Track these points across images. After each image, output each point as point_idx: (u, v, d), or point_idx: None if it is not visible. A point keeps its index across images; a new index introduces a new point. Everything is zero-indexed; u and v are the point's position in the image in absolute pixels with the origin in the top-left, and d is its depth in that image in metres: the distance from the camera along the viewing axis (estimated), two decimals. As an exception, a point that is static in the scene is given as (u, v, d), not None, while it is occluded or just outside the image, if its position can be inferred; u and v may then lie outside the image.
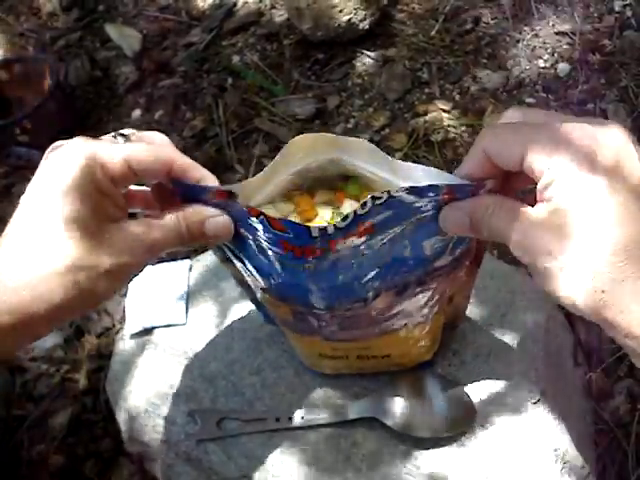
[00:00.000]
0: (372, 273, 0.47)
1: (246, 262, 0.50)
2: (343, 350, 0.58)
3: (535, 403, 0.61)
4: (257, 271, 0.50)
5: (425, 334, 0.57)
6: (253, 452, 0.60)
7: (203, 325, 0.70)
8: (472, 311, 0.65)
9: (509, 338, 0.65)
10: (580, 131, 0.37)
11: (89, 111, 1.34)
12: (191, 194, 0.46)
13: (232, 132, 1.20)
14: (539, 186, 0.38)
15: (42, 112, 1.23)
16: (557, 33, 1.25)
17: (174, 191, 0.46)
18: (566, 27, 1.25)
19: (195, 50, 1.38)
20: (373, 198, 0.41)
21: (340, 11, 1.24)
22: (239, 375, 0.65)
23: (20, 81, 1.29)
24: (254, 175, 0.49)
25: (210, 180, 0.46)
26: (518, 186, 0.44)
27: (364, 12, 1.26)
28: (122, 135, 0.46)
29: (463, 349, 0.63)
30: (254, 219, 0.44)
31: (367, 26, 1.28)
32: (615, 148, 0.37)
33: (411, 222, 0.44)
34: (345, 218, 0.42)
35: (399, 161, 0.47)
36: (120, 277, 0.43)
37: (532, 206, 0.39)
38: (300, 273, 0.46)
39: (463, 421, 0.59)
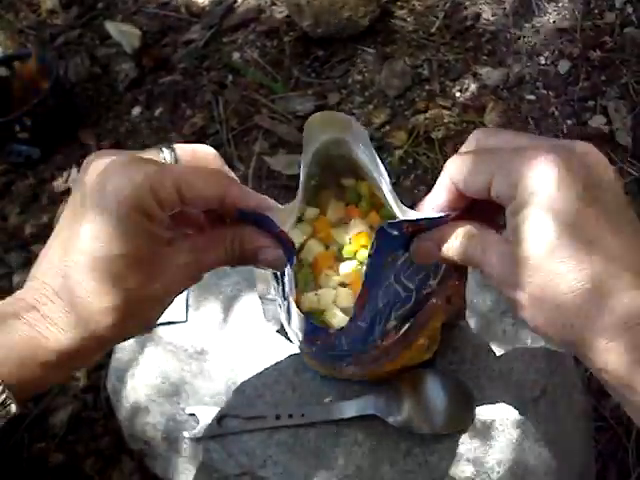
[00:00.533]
0: (373, 327, 0.48)
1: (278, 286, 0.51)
2: (348, 375, 0.59)
3: (535, 400, 0.61)
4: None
5: (421, 340, 0.57)
6: (254, 449, 0.60)
7: (203, 323, 0.70)
8: (472, 309, 0.65)
9: (509, 336, 0.65)
10: (548, 155, 0.36)
11: (89, 108, 1.33)
12: (256, 222, 0.44)
13: (232, 129, 1.19)
14: (507, 214, 0.37)
15: (42, 109, 1.23)
16: (558, 30, 1.24)
17: (233, 214, 0.44)
18: (567, 24, 1.25)
19: (195, 47, 1.38)
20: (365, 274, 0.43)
21: (340, 8, 1.24)
22: (239, 373, 0.65)
23: (20, 78, 1.29)
24: (254, 172, 0.49)
25: (269, 204, 0.44)
26: (490, 214, 0.43)
27: (364, 9, 1.26)
28: (169, 148, 0.43)
29: (463, 347, 0.63)
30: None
31: (367, 23, 1.28)
32: (585, 171, 0.35)
33: (387, 263, 0.45)
34: (354, 307, 0.44)
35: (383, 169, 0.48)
36: (169, 301, 0.43)
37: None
38: (308, 345, 0.49)
39: (463, 418, 0.59)
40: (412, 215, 0.44)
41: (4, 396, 0.36)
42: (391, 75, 1.23)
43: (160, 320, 0.70)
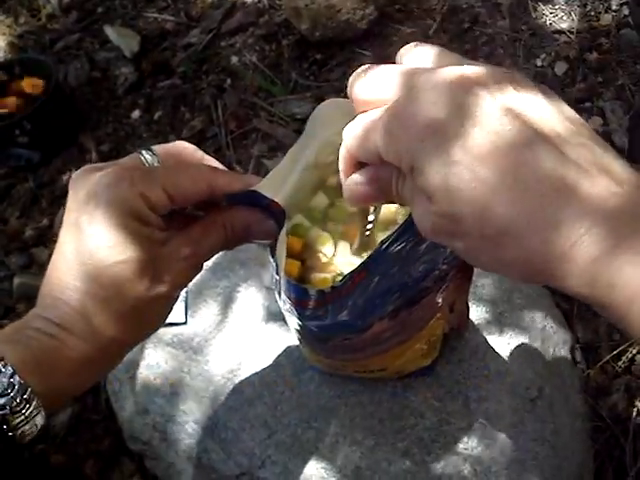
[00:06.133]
0: (366, 307, 0.47)
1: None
2: (340, 363, 0.58)
3: (532, 400, 0.62)
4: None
5: (420, 344, 0.57)
6: (253, 450, 0.61)
7: (203, 324, 0.70)
8: (470, 309, 0.65)
9: (507, 336, 0.66)
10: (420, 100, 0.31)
11: (88, 112, 1.34)
12: (246, 201, 0.45)
13: (231, 132, 1.20)
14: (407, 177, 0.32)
15: (42, 113, 1.23)
16: (554, 32, 1.25)
17: (224, 199, 0.45)
18: (563, 26, 1.25)
19: (194, 51, 1.38)
20: (369, 256, 0.42)
21: (338, 11, 1.25)
22: (238, 374, 0.65)
23: (20, 82, 1.29)
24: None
25: (254, 181, 0.45)
26: None
27: (362, 12, 1.26)
28: (148, 150, 0.44)
29: (461, 347, 0.64)
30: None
31: (365, 26, 1.28)
32: (454, 100, 0.30)
33: (398, 255, 0.45)
34: (343, 279, 0.43)
35: None
36: (175, 296, 0.44)
37: None
38: (298, 315, 0.47)
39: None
40: None
41: (34, 406, 0.37)
42: (389, 78, 1.23)
43: (159, 322, 0.71)
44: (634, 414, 0.74)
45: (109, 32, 1.46)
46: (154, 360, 0.69)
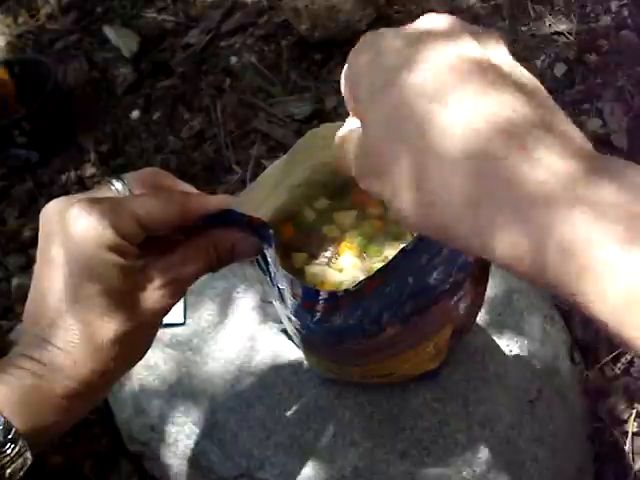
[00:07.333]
0: (379, 313, 0.47)
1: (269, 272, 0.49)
2: (350, 368, 0.58)
3: (531, 402, 0.62)
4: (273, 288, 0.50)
5: (429, 347, 0.56)
6: (251, 451, 0.61)
7: (201, 325, 0.70)
8: (469, 310, 0.65)
9: (506, 337, 0.66)
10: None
11: (87, 112, 1.34)
12: (224, 222, 0.44)
13: (230, 133, 1.20)
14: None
15: (41, 113, 1.23)
16: (554, 33, 1.25)
17: (202, 220, 0.44)
18: (563, 27, 1.25)
19: (193, 51, 1.38)
20: (387, 264, 0.41)
21: (337, 12, 1.25)
22: (237, 375, 0.65)
23: (19, 83, 1.29)
24: (251, 176, 0.48)
25: (229, 200, 0.44)
26: None
27: (361, 12, 1.26)
28: (118, 179, 0.44)
29: (460, 348, 0.64)
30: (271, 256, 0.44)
31: (364, 27, 1.28)
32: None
33: (416, 263, 0.45)
34: (357, 284, 0.42)
35: None
36: (159, 320, 0.43)
37: None
38: (306, 320, 0.47)
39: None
40: None
41: (19, 445, 0.37)
42: (388, 79, 1.23)
43: (158, 322, 0.71)
44: (633, 415, 0.74)
45: (108, 32, 1.46)
46: (153, 361, 0.69)
